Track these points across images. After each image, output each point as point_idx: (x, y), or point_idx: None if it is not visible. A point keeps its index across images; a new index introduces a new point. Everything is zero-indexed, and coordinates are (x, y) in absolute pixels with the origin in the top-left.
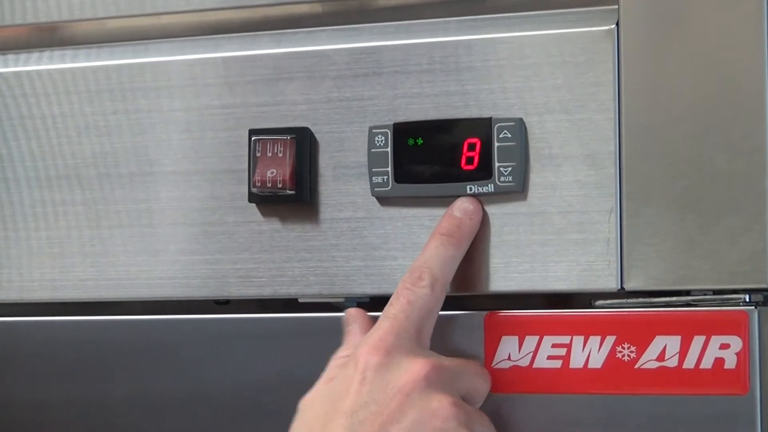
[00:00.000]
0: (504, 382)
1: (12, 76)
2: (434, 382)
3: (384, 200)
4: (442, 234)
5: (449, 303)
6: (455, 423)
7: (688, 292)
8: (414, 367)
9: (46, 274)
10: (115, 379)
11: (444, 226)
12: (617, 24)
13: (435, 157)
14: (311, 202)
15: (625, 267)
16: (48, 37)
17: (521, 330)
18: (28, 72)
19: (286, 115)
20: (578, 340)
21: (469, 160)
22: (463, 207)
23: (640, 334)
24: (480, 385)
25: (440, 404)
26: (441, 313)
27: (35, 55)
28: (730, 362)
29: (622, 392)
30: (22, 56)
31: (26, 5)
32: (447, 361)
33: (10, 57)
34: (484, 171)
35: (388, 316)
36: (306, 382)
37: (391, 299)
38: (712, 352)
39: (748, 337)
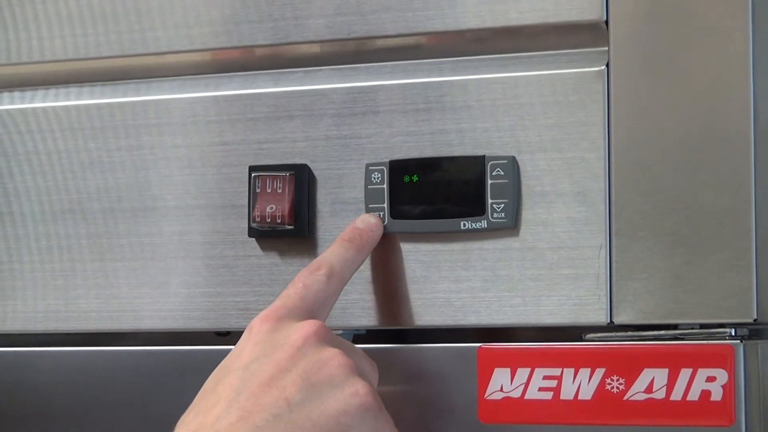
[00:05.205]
0: (496, 412)
1: (18, 113)
2: (324, 338)
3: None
4: (344, 239)
5: (443, 336)
6: (347, 370)
7: (675, 326)
8: (304, 326)
9: (50, 306)
10: (118, 409)
11: (347, 233)
12: (607, 65)
13: (430, 193)
14: (309, 237)
15: (614, 301)
16: (53, 75)
17: (513, 362)
18: (33, 109)
19: (285, 152)
20: (569, 372)
21: (463, 197)
22: (366, 220)
23: (628, 367)
24: (367, 367)
25: (331, 354)
26: (435, 345)
27: (41, 92)
28: (716, 394)
29: (611, 423)
30: (28, 93)
31: (32, 44)
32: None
33: (17, 94)
34: (478, 207)
35: (282, 296)
36: None
37: (288, 286)
38: (699, 385)
39: (734, 370)
